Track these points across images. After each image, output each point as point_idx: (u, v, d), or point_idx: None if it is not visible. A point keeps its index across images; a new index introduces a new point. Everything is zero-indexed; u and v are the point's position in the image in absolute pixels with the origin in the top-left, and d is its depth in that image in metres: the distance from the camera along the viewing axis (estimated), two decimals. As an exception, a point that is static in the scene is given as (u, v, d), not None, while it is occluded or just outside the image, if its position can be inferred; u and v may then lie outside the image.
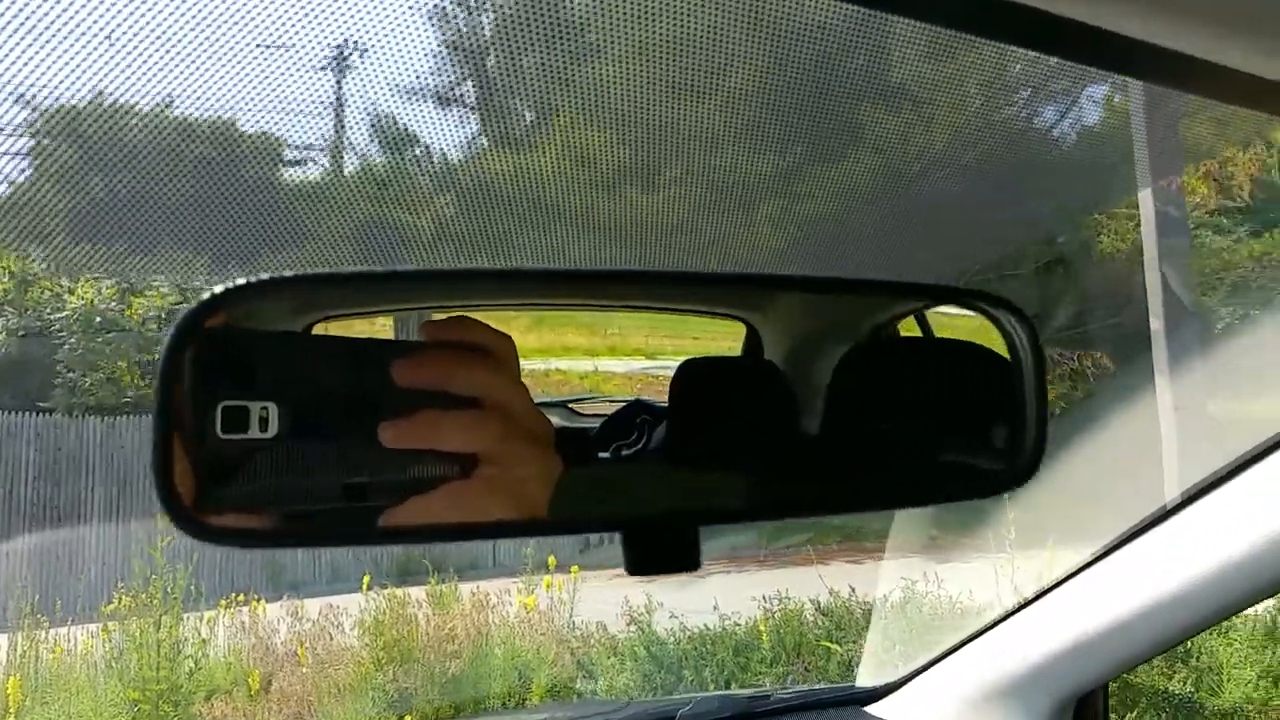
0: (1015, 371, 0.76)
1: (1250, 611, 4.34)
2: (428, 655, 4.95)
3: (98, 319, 9.57)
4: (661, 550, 0.61)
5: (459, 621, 5.12)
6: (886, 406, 0.83)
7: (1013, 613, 1.34)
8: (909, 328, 1.10)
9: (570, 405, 1.59)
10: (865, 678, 1.57)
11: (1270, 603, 4.48)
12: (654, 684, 4.63)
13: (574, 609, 5.81)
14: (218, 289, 0.58)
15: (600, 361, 11.44)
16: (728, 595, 5.66)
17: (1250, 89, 0.70)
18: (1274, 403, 4.43)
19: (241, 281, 0.59)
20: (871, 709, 1.48)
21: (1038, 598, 1.30)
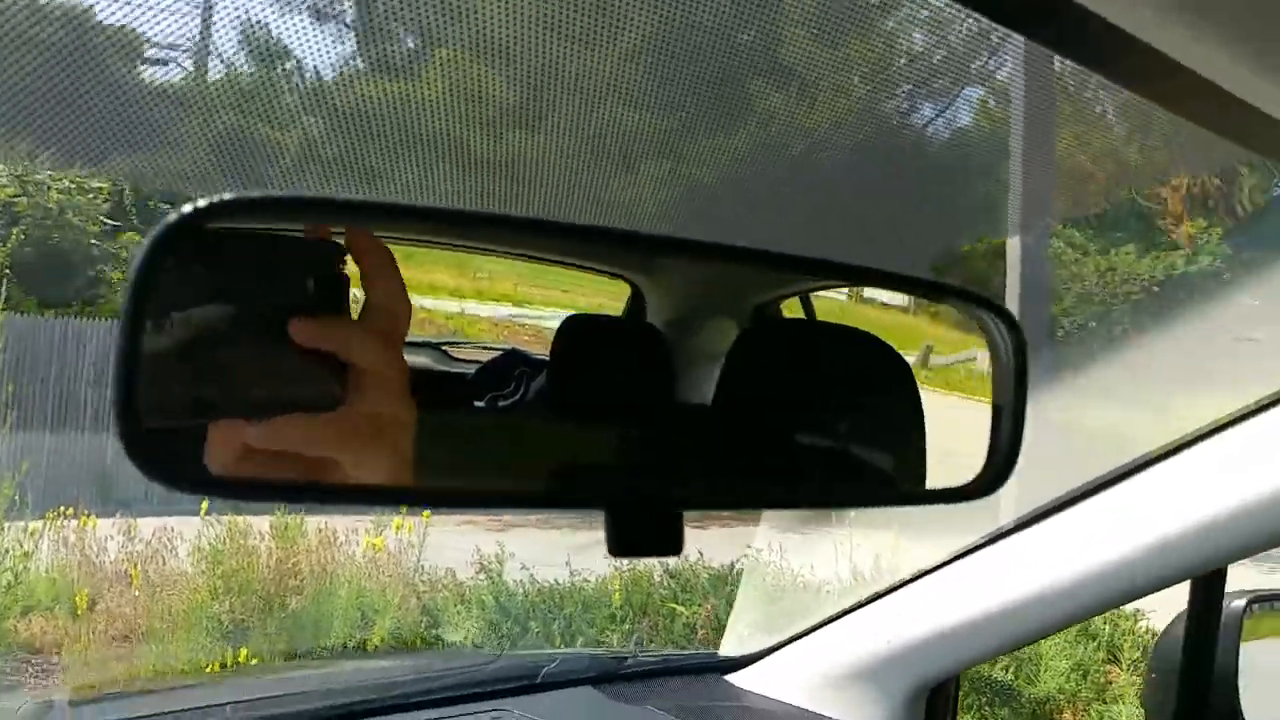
0: (996, 377, 0.75)
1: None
2: (268, 589, 4.80)
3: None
4: (647, 532, 0.61)
5: (303, 557, 4.97)
6: (806, 399, 0.81)
7: (878, 596, 1.37)
8: (792, 309, 1.10)
9: (444, 348, 1.55)
10: (729, 646, 1.59)
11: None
12: (499, 634, 4.63)
13: (422, 554, 5.73)
14: (201, 202, 0.55)
15: (467, 304, 11.25)
16: (579, 552, 5.71)
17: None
18: (1105, 414, 4.75)
19: (228, 197, 0.55)
20: (731, 678, 1.50)
21: (904, 584, 1.34)
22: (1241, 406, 1.02)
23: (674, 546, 0.61)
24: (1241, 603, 1.20)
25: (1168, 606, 1.24)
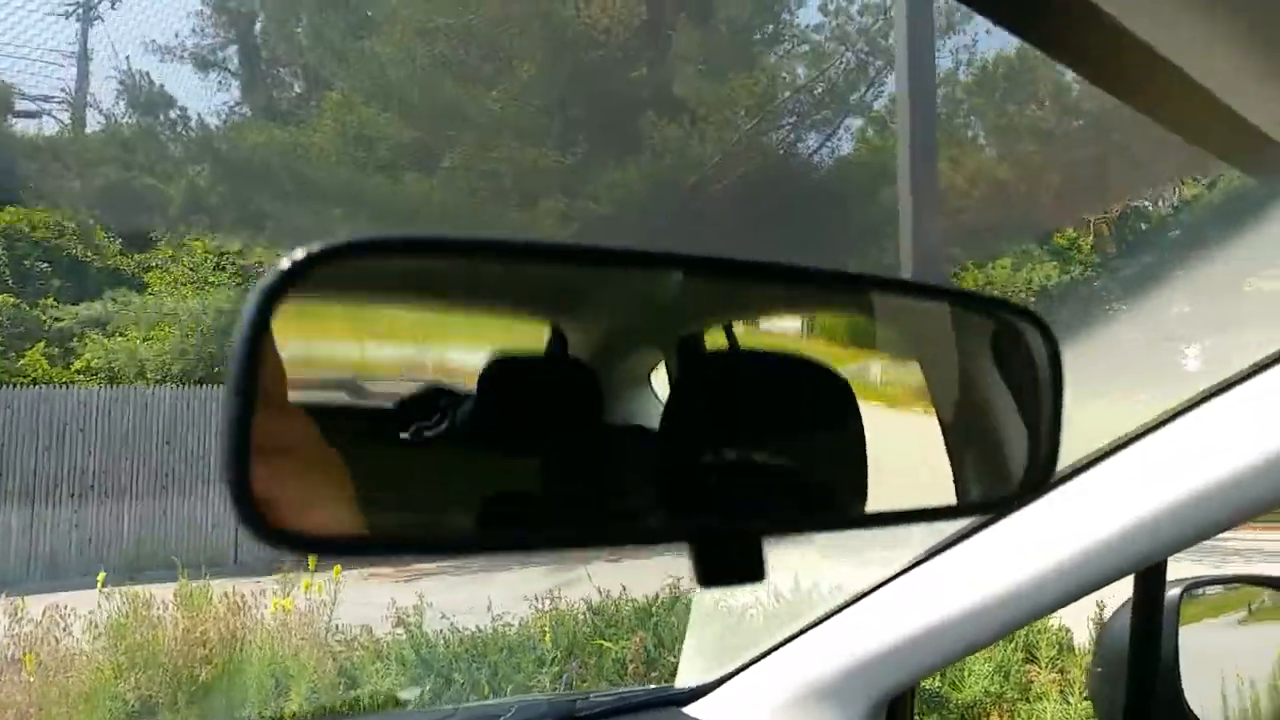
0: (1033, 386, 0.73)
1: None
2: (176, 661, 4.55)
3: None
4: (730, 562, 0.61)
5: (211, 624, 4.73)
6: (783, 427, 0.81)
7: (833, 613, 1.37)
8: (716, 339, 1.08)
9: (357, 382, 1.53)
10: (685, 677, 1.58)
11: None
12: (424, 688, 4.49)
13: (335, 611, 5.54)
14: (316, 248, 0.52)
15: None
16: (498, 596, 5.59)
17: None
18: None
19: (340, 242, 0.53)
20: (690, 709, 1.49)
21: (858, 599, 1.34)
22: (1161, 412, 1.07)
23: (759, 574, 0.61)
24: (1177, 591, 1.24)
25: (1076, 607, 1.29)
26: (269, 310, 0.51)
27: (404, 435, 1.19)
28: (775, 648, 1.41)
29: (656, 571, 6.00)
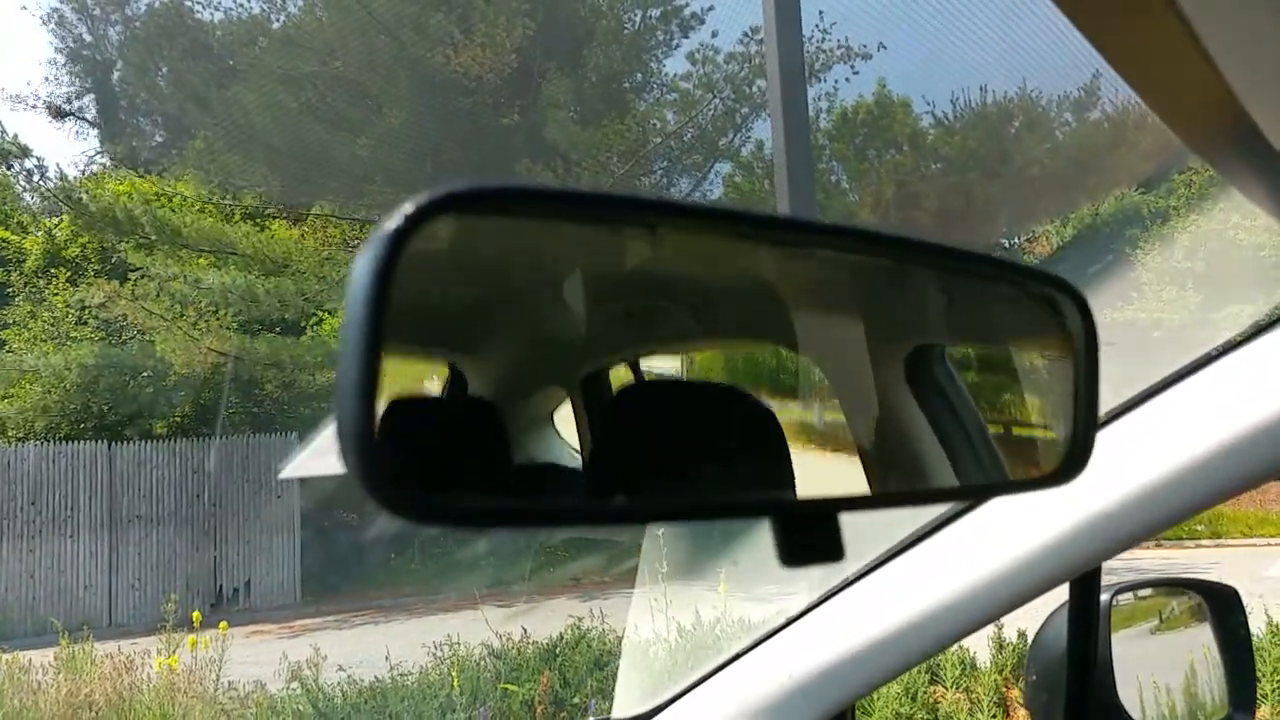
0: (1066, 363, 0.73)
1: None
2: (62, 727, 4.38)
3: None
4: (813, 540, 0.60)
5: (96, 686, 4.57)
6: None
7: (771, 634, 1.35)
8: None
9: None
10: (620, 708, 1.51)
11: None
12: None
13: (223, 668, 5.43)
14: (424, 198, 0.47)
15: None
16: (390, 645, 5.55)
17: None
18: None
19: (457, 189, 0.48)
20: None
21: (795, 619, 1.34)
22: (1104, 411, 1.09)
23: (838, 552, 0.60)
24: (1107, 596, 1.26)
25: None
26: (387, 277, 0.46)
27: None
28: (714, 671, 1.39)
29: (555, 613, 6.07)
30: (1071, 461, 0.72)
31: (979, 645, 5.32)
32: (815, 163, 15.51)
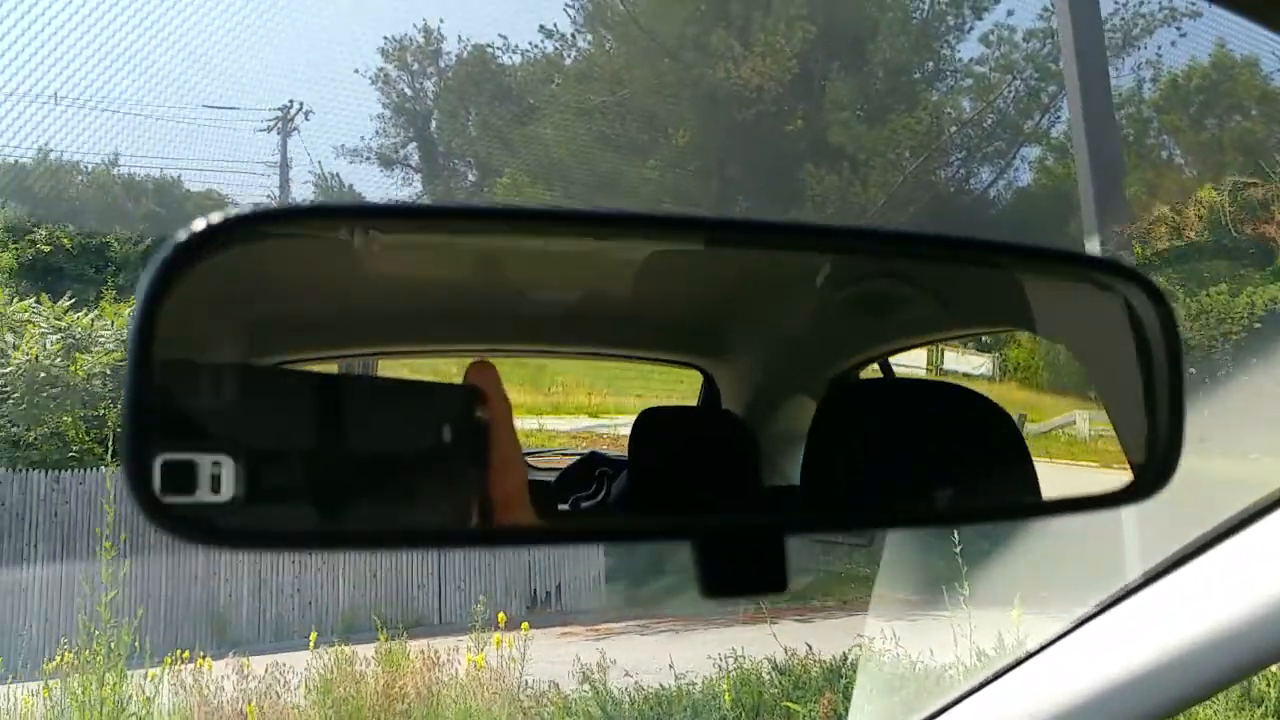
0: (1144, 360, 0.63)
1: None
2: (377, 714, 4.82)
3: (41, 374, 9.43)
4: (743, 567, 0.53)
5: (409, 679, 5.00)
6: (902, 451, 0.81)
7: (1006, 670, 1.24)
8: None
9: (527, 458, 1.60)
10: None
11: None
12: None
13: (524, 667, 5.70)
14: (215, 218, 0.48)
15: (544, 420, 11.41)
16: (681, 654, 5.57)
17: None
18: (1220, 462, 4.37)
19: (243, 212, 0.50)
20: None
21: (1033, 655, 1.22)
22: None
23: (779, 581, 0.51)
24: None
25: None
26: (162, 291, 0.48)
27: (562, 507, 1.24)
28: (948, 706, 1.28)
29: (848, 630, 5.85)
30: (1157, 472, 0.63)
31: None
32: (1143, 137, 13.97)
